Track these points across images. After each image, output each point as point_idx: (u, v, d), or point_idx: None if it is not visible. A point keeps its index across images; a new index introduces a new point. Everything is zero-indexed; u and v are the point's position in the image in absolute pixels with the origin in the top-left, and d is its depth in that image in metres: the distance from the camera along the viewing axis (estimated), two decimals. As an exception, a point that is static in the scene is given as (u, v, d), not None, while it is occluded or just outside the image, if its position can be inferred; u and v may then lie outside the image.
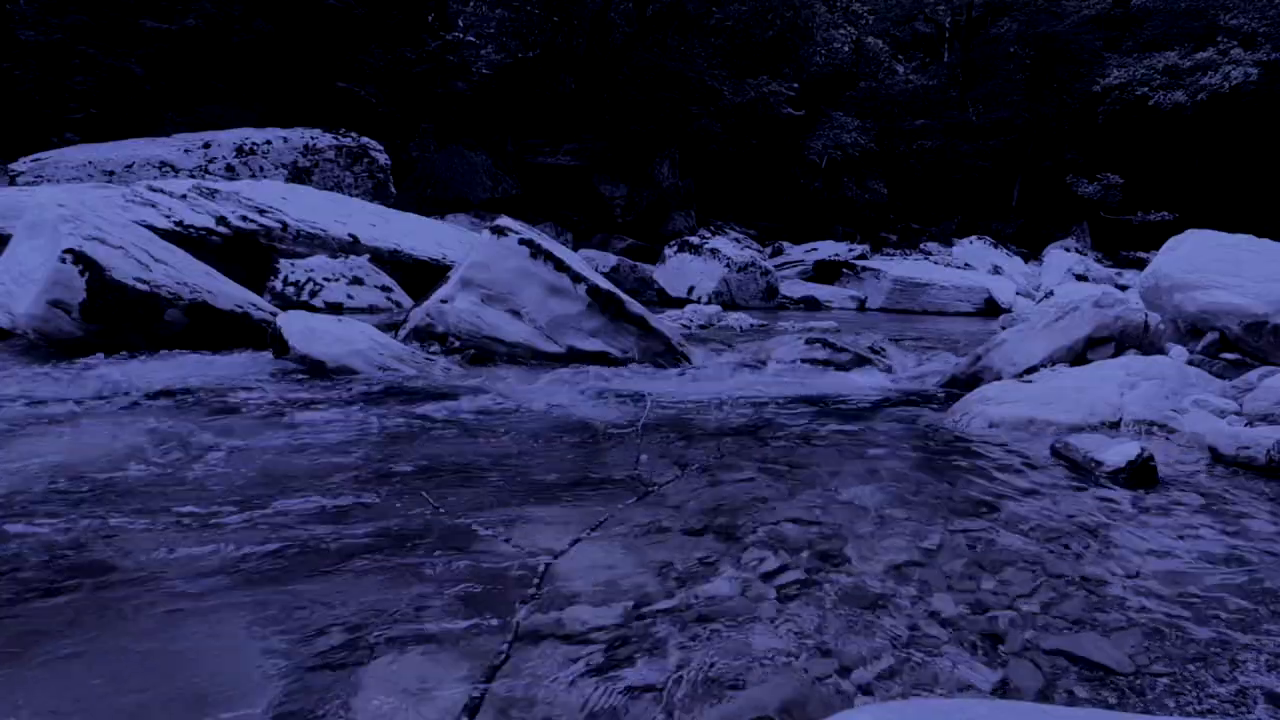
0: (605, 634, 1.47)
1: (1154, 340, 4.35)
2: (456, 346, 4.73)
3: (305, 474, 2.38)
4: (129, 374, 3.83)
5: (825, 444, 2.99)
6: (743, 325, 7.31)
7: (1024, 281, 12.93)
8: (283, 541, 1.85)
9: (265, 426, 2.96)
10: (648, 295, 9.53)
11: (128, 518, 1.97)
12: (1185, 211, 16.65)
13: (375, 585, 1.65)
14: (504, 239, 4.65)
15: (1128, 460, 2.50)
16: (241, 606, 1.54)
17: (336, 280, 6.58)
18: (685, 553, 1.85)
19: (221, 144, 9.26)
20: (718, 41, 17.19)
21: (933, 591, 1.68)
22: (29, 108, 10.63)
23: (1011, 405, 3.33)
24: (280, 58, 12.57)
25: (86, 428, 2.87)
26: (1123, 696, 1.33)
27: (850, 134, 17.93)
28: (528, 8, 16.28)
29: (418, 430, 3.01)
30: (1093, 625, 1.56)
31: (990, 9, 21.14)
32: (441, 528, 1.97)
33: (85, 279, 4.21)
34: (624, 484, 2.39)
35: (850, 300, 11.30)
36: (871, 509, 2.19)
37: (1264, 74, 16.51)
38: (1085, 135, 20.02)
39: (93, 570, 1.68)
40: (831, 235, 15.98)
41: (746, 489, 2.36)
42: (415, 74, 13.52)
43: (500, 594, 1.62)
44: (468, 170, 14.19)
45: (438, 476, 2.42)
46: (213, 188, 7.01)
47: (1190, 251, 4.60)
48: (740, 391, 4.03)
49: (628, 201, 15.53)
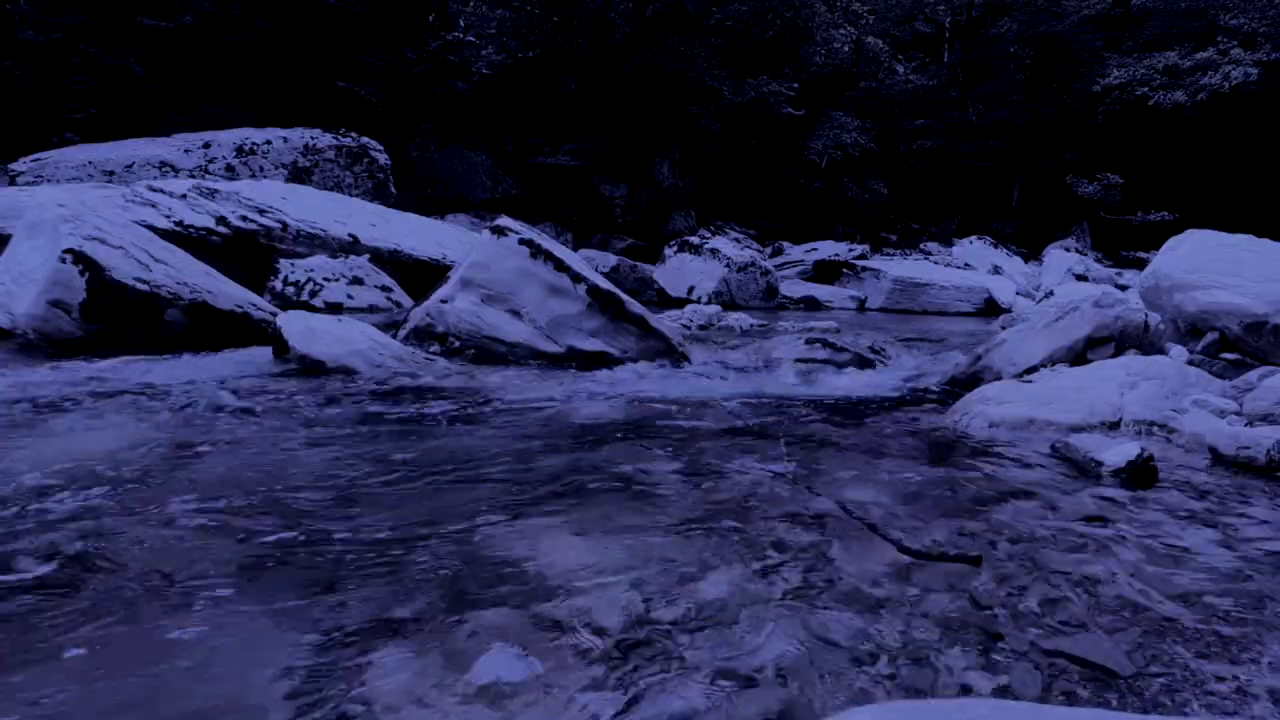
0: (605, 632, 1.47)
1: (1154, 340, 4.35)
2: (456, 346, 4.73)
3: (305, 473, 2.38)
4: (129, 374, 3.83)
5: (825, 444, 2.99)
6: (743, 325, 7.31)
7: (1024, 281, 12.92)
8: (283, 540, 1.85)
9: (265, 426, 2.96)
10: (648, 295, 9.53)
11: (129, 517, 1.97)
12: (1185, 211, 16.64)
13: (375, 584, 1.65)
14: (504, 239, 4.65)
15: (1128, 460, 2.50)
16: (242, 604, 1.54)
17: (336, 280, 6.58)
18: (684, 552, 1.85)
19: (221, 144, 9.25)
20: (718, 41, 17.19)
21: (933, 591, 1.68)
22: (29, 108, 10.63)
23: (1011, 405, 3.33)
24: (280, 57, 12.57)
25: (86, 428, 2.87)
26: (1122, 697, 1.33)
27: (850, 134, 17.93)
28: (528, 8, 16.28)
29: (417, 430, 3.01)
30: (1093, 625, 1.55)
31: (990, 9, 21.14)
32: (441, 527, 1.97)
33: (85, 279, 4.21)
34: (624, 483, 2.39)
35: (850, 300, 11.30)
36: (871, 509, 2.19)
37: (1264, 74, 16.51)
38: (1085, 135, 20.02)
39: (92, 570, 1.68)
40: (831, 235, 15.97)
41: (746, 489, 2.36)
42: (415, 74, 13.52)
43: (500, 592, 1.62)
44: (468, 170, 14.19)
45: (436, 476, 2.41)
46: (213, 188, 7.01)
47: (1190, 251, 4.60)
48: (740, 391, 4.03)
49: (628, 201, 15.53)
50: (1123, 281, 12.06)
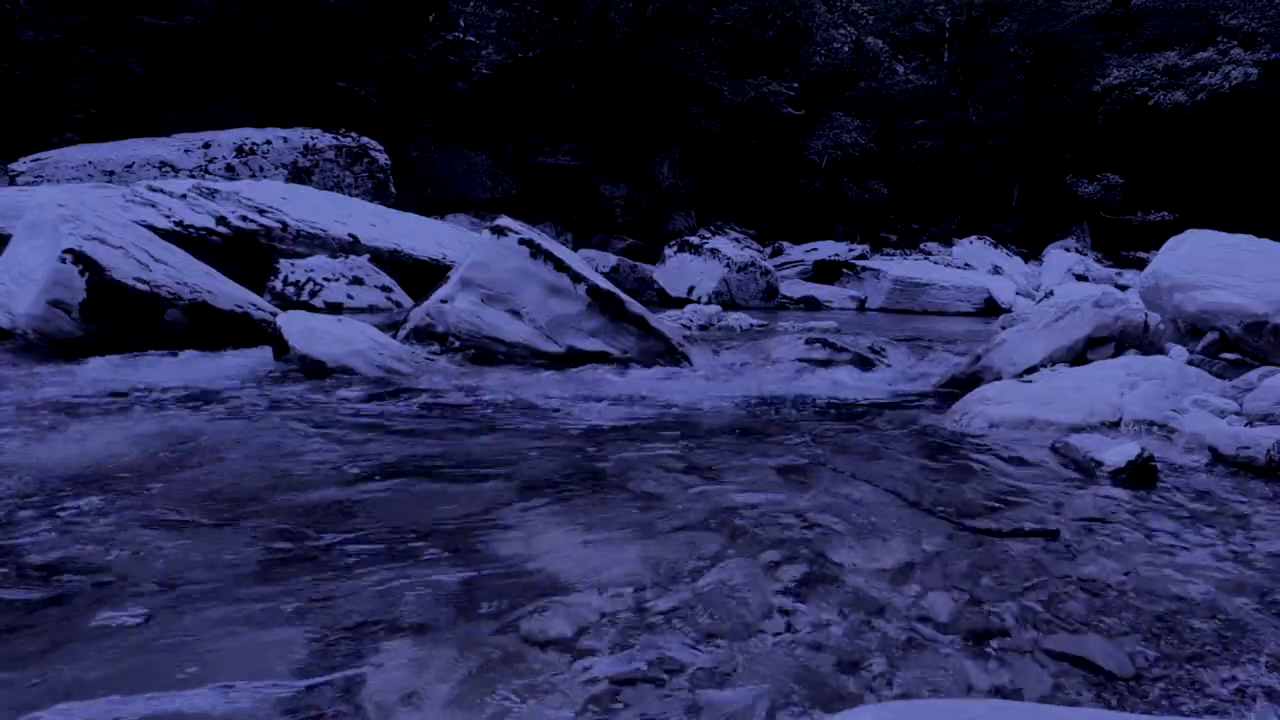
0: (603, 632, 1.47)
1: (1154, 340, 4.35)
2: (456, 346, 4.73)
3: (305, 473, 2.38)
4: (128, 374, 3.83)
5: (825, 444, 2.99)
6: (743, 325, 7.31)
7: (1024, 281, 12.93)
8: (283, 537, 1.85)
9: (264, 426, 2.96)
10: (648, 295, 9.54)
11: (129, 518, 1.97)
12: (1185, 211, 16.65)
13: (374, 582, 1.65)
14: (504, 239, 4.65)
15: (1128, 460, 2.50)
16: (241, 602, 1.54)
17: (336, 280, 6.58)
18: (683, 551, 1.85)
19: (221, 144, 9.26)
20: (718, 41, 17.19)
21: (933, 590, 1.68)
22: (29, 108, 10.64)
23: (1011, 405, 3.33)
24: (280, 57, 12.58)
25: (85, 428, 2.87)
26: (1122, 697, 1.33)
27: (850, 134, 17.93)
28: (528, 8, 16.28)
29: (416, 430, 3.01)
30: (1092, 626, 1.56)
31: (990, 9, 21.14)
32: (439, 526, 1.97)
33: (85, 279, 4.21)
34: (623, 483, 2.39)
35: (850, 300, 11.30)
36: (872, 509, 2.19)
37: (1264, 74, 16.51)
38: (1085, 135, 20.02)
39: (88, 569, 1.68)
40: (831, 235, 15.98)
41: (746, 488, 2.36)
42: (415, 74, 13.52)
43: (498, 592, 1.62)
44: (468, 170, 14.19)
45: (435, 476, 2.42)
46: (213, 188, 7.01)
47: (1190, 251, 4.59)
48: (740, 391, 4.03)
49: (628, 201, 15.53)
50: (1123, 281, 12.07)
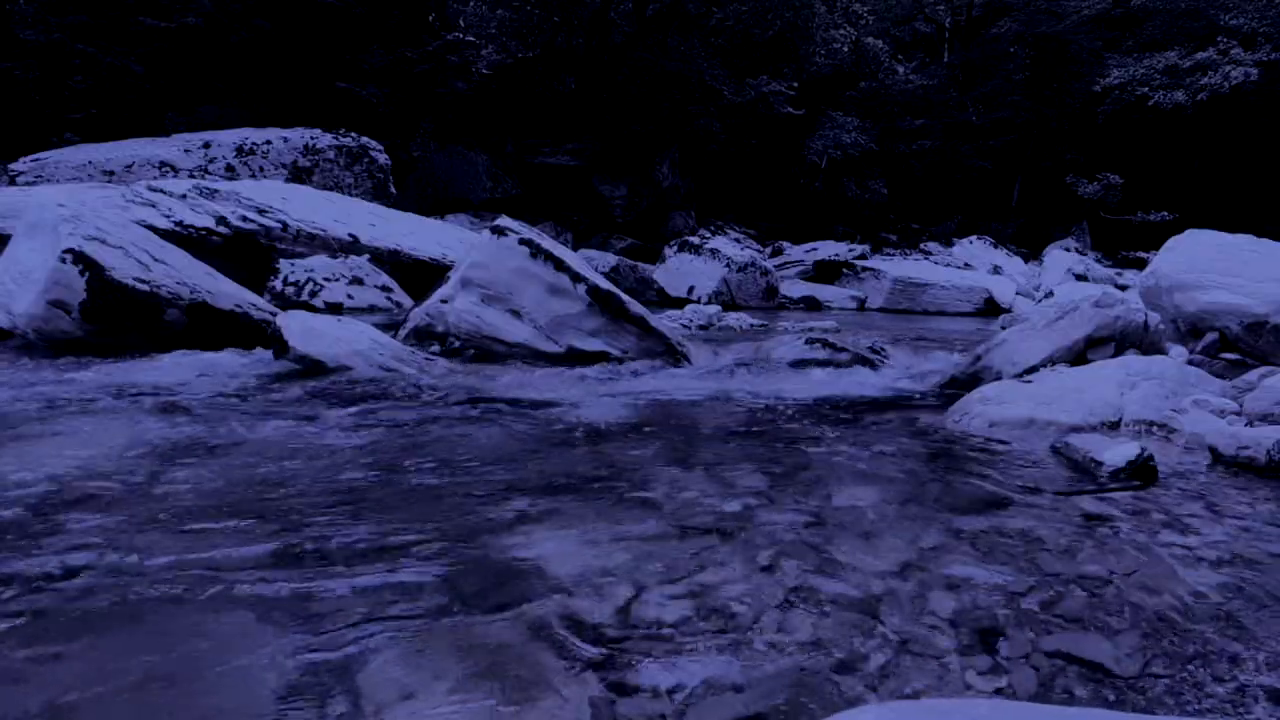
0: (603, 630, 1.47)
1: (1154, 340, 4.35)
2: (456, 346, 4.73)
3: (305, 473, 2.38)
4: (128, 374, 3.83)
5: (825, 444, 2.99)
6: (743, 325, 7.31)
7: (1024, 281, 12.93)
8: (283, 536, 1.85)
9: (264, 426, 2.96)
10: (648, 295, 9.54)
11: (130, 518, 1.97)
12: (1185, 211, 16.66)
13: (373, 581, 1.65)
14: (504, 239, 4.65)
15: (1127, 460, 2.50)
16: (243, 600, 1.55)
17: (336, 280, 6.59)
18: (683, 551, 1.85)
19: (221, 144, 9.26)
20: (718, 41, 17.20)
21: (933, 590, 1.68)
22: (29, 108, 10.64)
23: (1011, 405, 3.33)
24: (280, 57, 12.58)
25: (85, 428, 2.87)
26: (1122, 696, 1.33)
27: (850, 134, 17.94)
28: (528, 8, 16.28)
29: (416, 430, 3.01)
30: (1092, 625, 1.56)
31: (990, 9, 21.15)
32: (439, 526, 1.97)
33: (85, 279, 4.21)
34: (624, 482, 2.39)
35: (850, 300, 11.30)
36: (871, 509, 2.19)
37: (1264, 74, 16.52)
38: (1085, 135, 20.03)
39: (93, 570, 1.68)
40: (831, 235, 15.98)
41: (745, 488, 2.36)
42: (415, 74, 13.52)
43: (497, 589, 1.62)
44: (468, 170, 14.20)
45: (435, 475, 2.41)
46: (213, 188, 7.02)
47: (1190, 251, 4.60)
48: (739, 391, 4.03)
49: (628, 201, 15.53)
50: (1123, 281, 12.08)
